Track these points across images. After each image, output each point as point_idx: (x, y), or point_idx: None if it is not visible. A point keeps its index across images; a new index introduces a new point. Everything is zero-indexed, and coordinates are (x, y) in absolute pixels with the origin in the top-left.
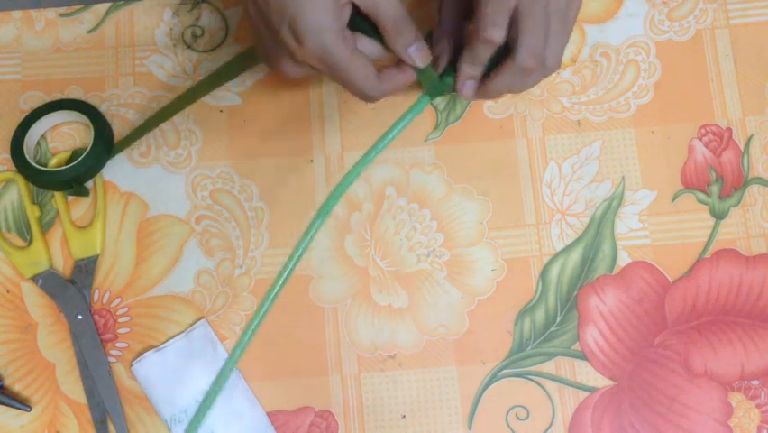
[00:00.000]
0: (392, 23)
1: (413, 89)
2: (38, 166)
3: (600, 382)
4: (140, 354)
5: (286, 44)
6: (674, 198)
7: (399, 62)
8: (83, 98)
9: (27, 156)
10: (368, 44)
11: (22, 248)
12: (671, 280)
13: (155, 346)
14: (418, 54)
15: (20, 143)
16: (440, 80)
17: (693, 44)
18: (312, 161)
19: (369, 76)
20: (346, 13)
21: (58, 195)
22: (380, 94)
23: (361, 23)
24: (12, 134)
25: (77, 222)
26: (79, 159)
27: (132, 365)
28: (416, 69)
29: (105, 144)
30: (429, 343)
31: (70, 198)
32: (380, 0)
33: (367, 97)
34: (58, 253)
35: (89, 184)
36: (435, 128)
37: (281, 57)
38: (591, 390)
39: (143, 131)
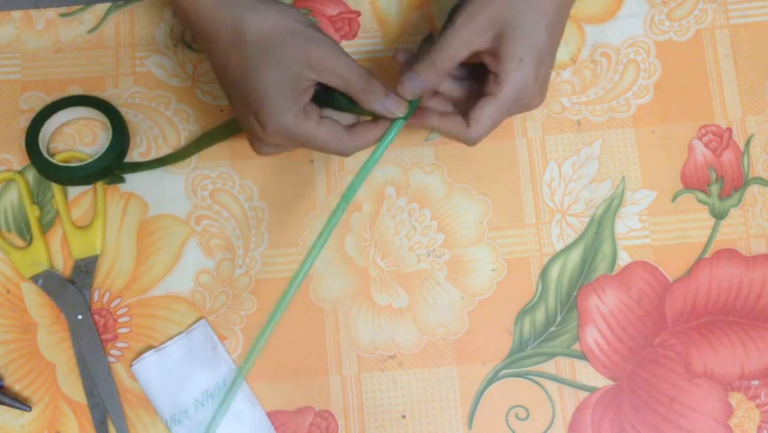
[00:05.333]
0: (362, 87)
1: None
2: (55, 162)
3: (600, 382)
4: (140, 354)
5: (254, 131)
6: (674, 198)
7: (374, 118)
8: None
9: (43, 151)
10: (336, 115)
11: (22, 248)
12: (671, 280)
13: (155, 346)
14: (395, 104)
15: (34, 139)
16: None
17: (693, 44)
18: (312, 161)
19: (339, 137)
20: (308, 93)
21: (58, 195)
22: (355, 150)
23: (328, 96)
24: (10, 134)
25: (77, 222)
26: (100, 154)
27: (132, 365)
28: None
29: (124, 140)
30: (429, 343)
31: (70, 198)
32: (344, 71)
33: (343, 155)
34: (58, 253)
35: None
36: None
37: (254, 140)
38: (591, 390)
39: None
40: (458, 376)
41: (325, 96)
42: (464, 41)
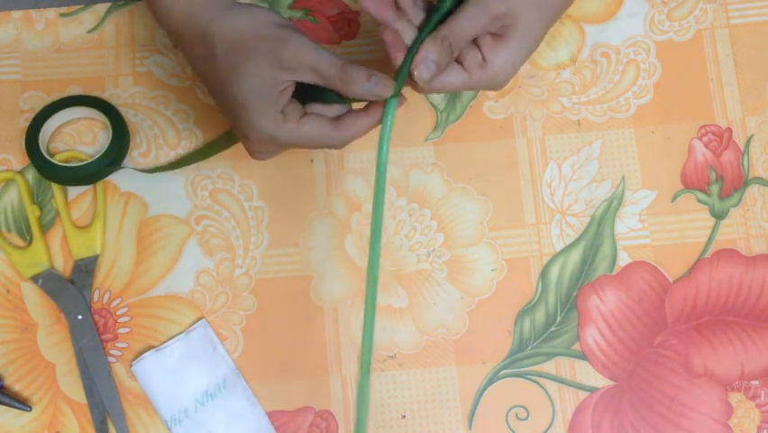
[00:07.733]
0: (338, 76)
1: None
2: (56, 162)
3: (600, 382)
4: (140, 354)
5: (240, 139)
6: (674, 198)
7: (366, 105)
8: None
9: (43, 151)
10: (322, 108)
11: (22, 248)
12: (671, 280)
13: (155, 346)
14: (379, 86)
15: (34, 139)
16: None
17: (693, 44)
18: (312, 160)
19: (324, 133)
20: (286, 95)
21: (58, 195)
22: (345, 142)
23: (315, 92)
24: (10, 134)
25: (77, 222)
26: (100, 154)
27: (132, 365)
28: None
29: (124, 140)
30: (429, 343)
31: (70, 198)
32: (316, 65)
33: (334, 148)
34: (58, 253)
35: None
36: (435, 128)
37: (247, 147)
38: (591, 390)
39: None
40: (458, 376)
41: (312, 93)
42: (480, 26)
